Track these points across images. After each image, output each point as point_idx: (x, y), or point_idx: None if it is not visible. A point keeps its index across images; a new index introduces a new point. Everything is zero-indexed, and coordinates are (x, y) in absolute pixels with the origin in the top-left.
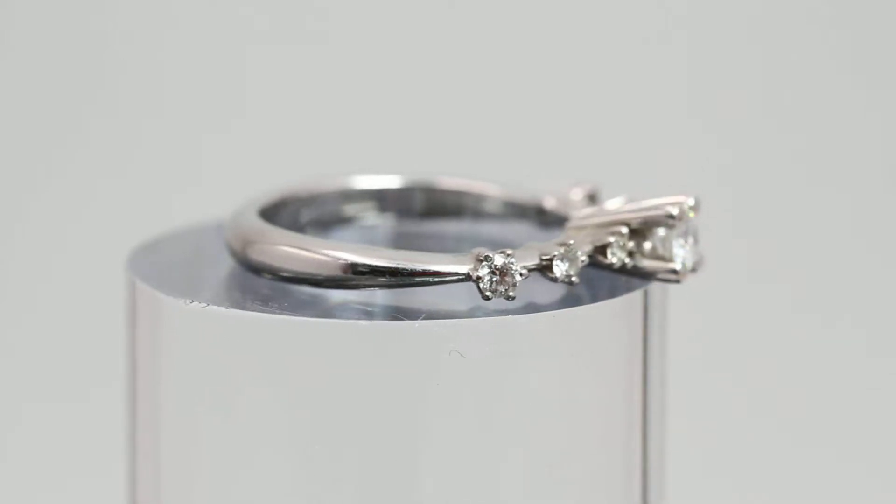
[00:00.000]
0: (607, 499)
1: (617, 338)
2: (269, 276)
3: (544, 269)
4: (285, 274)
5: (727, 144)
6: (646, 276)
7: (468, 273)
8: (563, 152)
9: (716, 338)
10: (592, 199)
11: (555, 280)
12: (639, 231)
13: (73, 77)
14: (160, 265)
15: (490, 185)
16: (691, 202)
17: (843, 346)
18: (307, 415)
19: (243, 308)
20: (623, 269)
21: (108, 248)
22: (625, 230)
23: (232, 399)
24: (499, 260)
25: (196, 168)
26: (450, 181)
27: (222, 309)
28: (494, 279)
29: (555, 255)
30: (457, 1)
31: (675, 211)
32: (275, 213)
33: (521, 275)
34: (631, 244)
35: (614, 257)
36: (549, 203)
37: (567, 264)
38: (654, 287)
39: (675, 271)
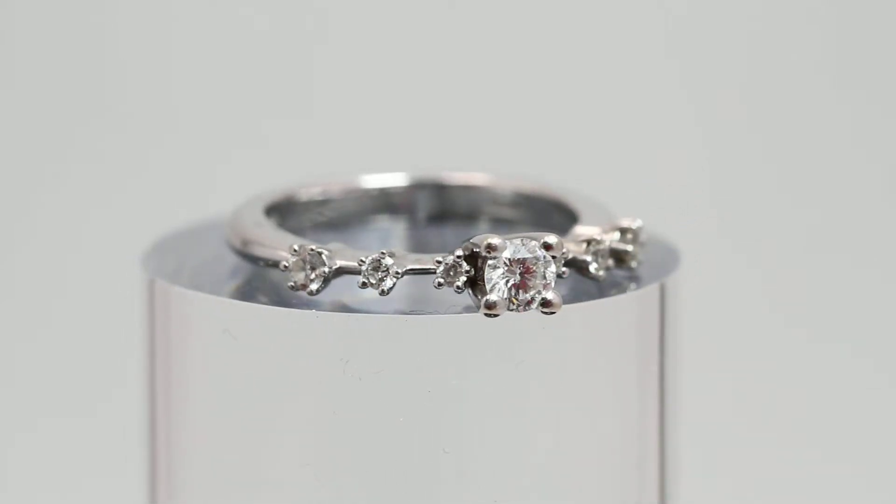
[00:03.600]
0: (622, 493)
1: (630, 333)
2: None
3: (354, 272)
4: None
5: (733, 148)
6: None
7: (281, 262)
8: (564, 153)
9: (729, 334)
10: (623, 231)
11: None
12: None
13: (83, 78)
14: (174, 261)
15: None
16: (551, 240)
17: (858, 345)
18: (319, 406)
19: (266, 303)
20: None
21: (112, 247)
22: (459, 253)
23: (251, 393)
24: (303, 251)
25: (201, 166)
26: (534, 186)
27: (244, 303)
28: (304, 272)
29: (363, 261)
30: (456, 2)
31: (496, 242)
32: (284, 212)
33: (324, 274)
34: (467, 269)
35: (438, 279)
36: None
37: (379, 273)
38: (670, 282)
39: (487, 304)
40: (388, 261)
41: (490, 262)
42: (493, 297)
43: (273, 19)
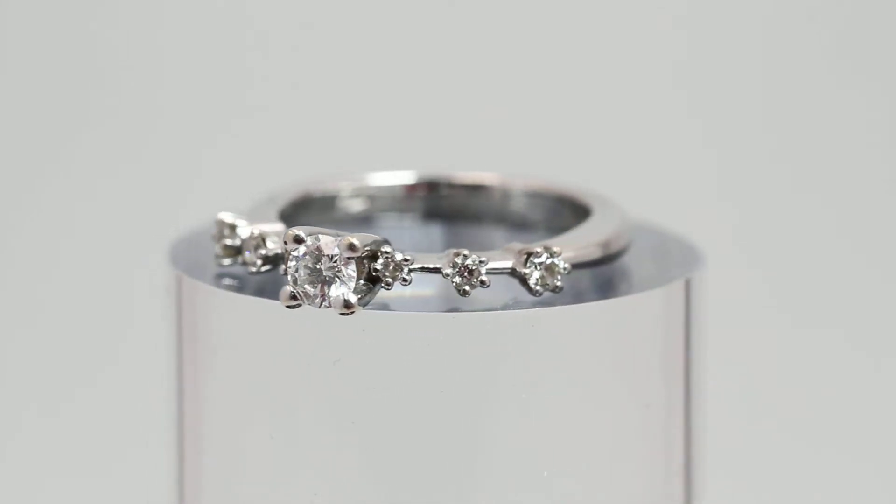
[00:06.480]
0: (649, 492)
1: (656, 329)
2: None
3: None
4: None
5: (752, 144)
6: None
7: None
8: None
9: (755, 332)
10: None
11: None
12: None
13: (81, 78)
14: (198, 258)
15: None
16: (354, 241)
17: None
18: (341, 402)
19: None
20: None
21: (118, 246)
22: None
23: (278, 390)
24: (220, 225)
25: (207, 165)
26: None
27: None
28: (217, 244)
29: (247, 240)
30: (457, 2)
31: (299, 234)
32: (300, 211)
33: (225, 245)
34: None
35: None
36: None
37: (248, 256)
38: (696, 277)
39: (284, 295)
40: (267, 245)
41: (292, 254)
42: (289, 289)
43: (278, 19)
